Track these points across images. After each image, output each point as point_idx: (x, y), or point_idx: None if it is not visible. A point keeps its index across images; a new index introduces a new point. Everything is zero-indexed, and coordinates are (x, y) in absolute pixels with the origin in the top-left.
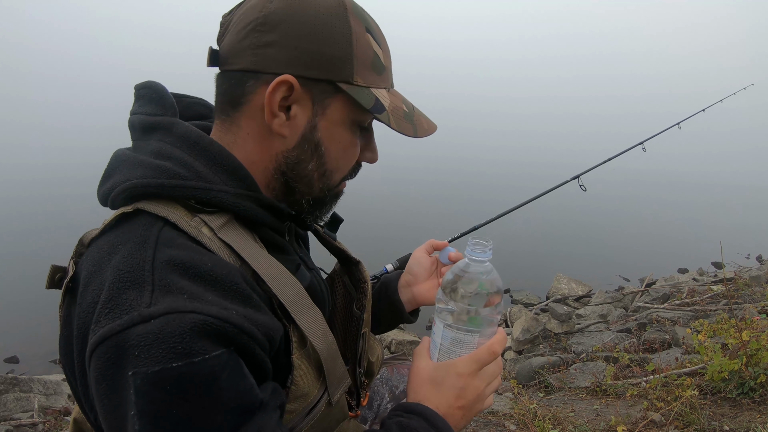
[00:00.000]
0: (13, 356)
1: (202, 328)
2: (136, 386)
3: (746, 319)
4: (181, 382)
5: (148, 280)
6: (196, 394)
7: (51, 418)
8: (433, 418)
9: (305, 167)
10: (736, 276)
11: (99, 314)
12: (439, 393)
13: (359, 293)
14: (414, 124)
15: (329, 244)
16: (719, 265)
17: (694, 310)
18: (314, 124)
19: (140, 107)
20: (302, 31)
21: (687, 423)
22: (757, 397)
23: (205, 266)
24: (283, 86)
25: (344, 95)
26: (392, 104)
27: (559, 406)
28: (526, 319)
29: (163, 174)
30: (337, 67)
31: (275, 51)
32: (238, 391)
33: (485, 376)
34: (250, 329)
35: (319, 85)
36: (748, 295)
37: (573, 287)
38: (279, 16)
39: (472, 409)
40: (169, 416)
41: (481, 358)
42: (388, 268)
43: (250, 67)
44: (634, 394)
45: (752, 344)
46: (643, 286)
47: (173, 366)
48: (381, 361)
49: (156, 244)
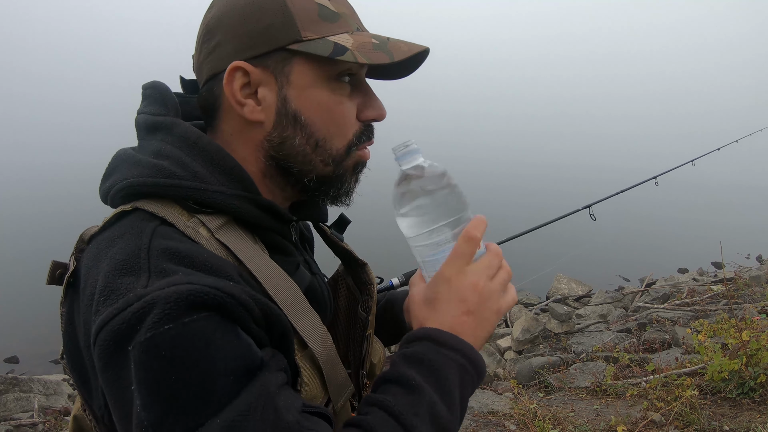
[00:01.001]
0: (13, 356)
1: (197, 296)
2: (135, 358)
3: (746, 319)
4: (174, 345)
5: (144, 266)
6: (192, 356)
7: (51, 418)
8: (438, 336)
9: (292, 144)
10: (736, 276)
11: (97, 304)
12: (436, 309)
13: (365, 295)
14: (389, 52)
15: (335, 245)
16: (719, 265)
17: (694, 310)
18: (284, 96)
19: (145, 107)
20: (237, 20)
21: (687, 423)
22: (757, 397)
23: (201, 256)
24: (237, 73)
25: (301, 56)
26: (357, 42)
27: (559, 406)
28: (526, 319)
29: (159, 173)
30: (280, 33)
31: (222, 49)
32: (234, 350)
33: (478, 269)
34: (246, 300)
35: (272, 57)
36: (748, 295)
37: (573, 287)
38: (216, 18)
39: (483, 309)
40: (167, 383)
41: (459, 251)
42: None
43: (210, 74)
44: (634, 394)
45: (752, 344)
46: (643, 286)
47: (165, 329)
48: (383, 363)
49: (152, 235)
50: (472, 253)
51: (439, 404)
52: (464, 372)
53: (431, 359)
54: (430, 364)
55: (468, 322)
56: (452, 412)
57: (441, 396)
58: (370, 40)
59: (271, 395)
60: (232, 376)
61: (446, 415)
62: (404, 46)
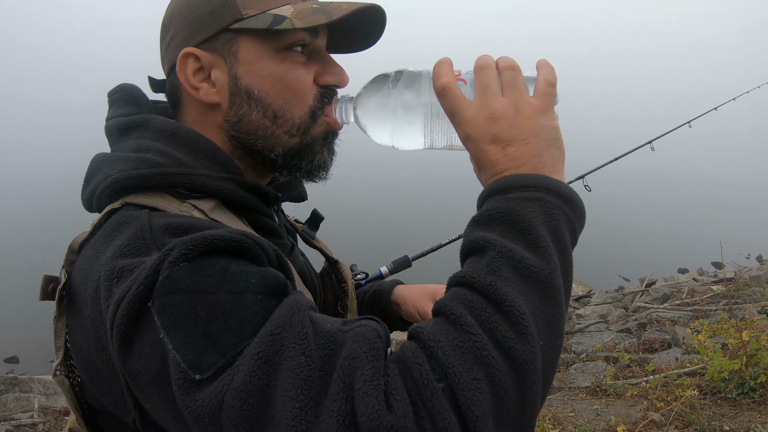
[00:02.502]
0: (13, 356)
1: (214, 238)
2: (157, 307)
3: (746, 319)
4: (192, 276)
5: (152, 245)
6: (214, 282)
7: (51, 418)
8: (498, 184)
9: (249, 120)
10: (736, 276)
11: (108, 289)
12: (484, 168)
13: (341, 293)
14: (327, 12)
15: (308, 242)
16: (719, 265)
17: (694, 310)
18: (234, 74)
19: (115, 111)
20: (185, 9)
21: (687, 423)
22: (757, 397)
23: (204, 225)
24: (188, 59)
25: (245, 33)
26: (296, 10)
27: (559, 406)
28: None
29: (143, 165)
30: (222, 15)
31: (175, 42)
32: (255, 272)
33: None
34: (262, 241)
35: (218, 39)
36: (748, 295)
37: (573, 287)
38: (170, 13)
39: (521, 128)
40: (195, 316)
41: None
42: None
43: (169, 66)
44: (634, 394)
45: (752, 344)
46: (643, 286)
47: (181, 265)
48: None
49: (149, 216)
50: (458, 99)
51: (520, 251)
52: (547, 206)
53: (500, 209)
54: (500, 216)
55: (517, 152)
56: (543, 257)
57: (523, 242)
58: (310, 6)
59: (304, 309)
60: (260, 295)
61: (535, 261)
62: (344, 5)
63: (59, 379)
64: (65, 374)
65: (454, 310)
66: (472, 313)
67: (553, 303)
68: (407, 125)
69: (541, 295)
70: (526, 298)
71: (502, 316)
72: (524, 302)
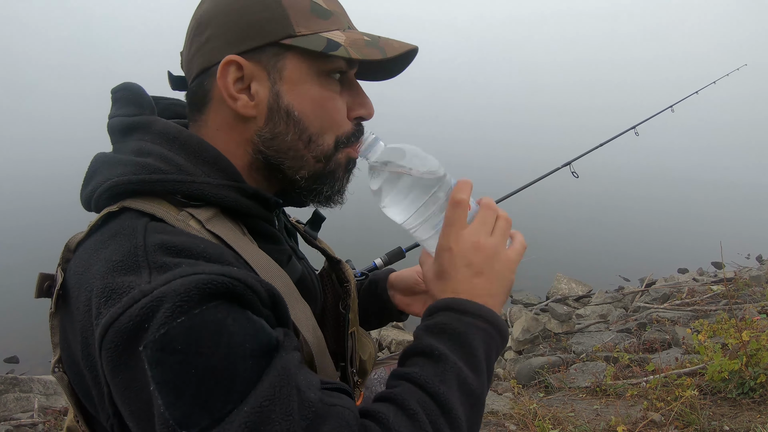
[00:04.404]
0: (13, 356)
1: (206, 285)
2: (149, 358)
3: (746, 319)
4: (189, 336)
5: (143, 263)
6: (208, 345)
7: (51, 418)
8: (457, 304)
9: (283, 139)
10: (736, 276)
11: (98, 306)
12: (446, 280)
13: (343, 293)
14: (381, 48)
15: (310, 243)
16: (719, 265)
17: (694, 310)
18: (276, 91)
19: (118, 110)
20: (230, 13)
21: (687, 423)
22: (757, 397)
23: (198, 248)
24: (230, 67)
25: (294, 50)
26: (349, 39)
27: (559, 406)
28: (526, 319)
29: (143, 170)
30: (273, 28)
31: (214, 42)
32: (249, 333)
33: (475, 229)
34: (253, 284)
35: (264, 52)
36: (748, 295)
37: (573, 287)
38: (208, 12)
39: (492, 265)
40: (188, 378)
41: (450, 219)
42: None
43: (201, 68)
44: (634, 394)
45: (752, 344)
46: (643, 286)
47: (178, 322)
48: (374, 359)
49: (145, 231)
50: (463, 216)
51: (465, 370)
52: (488, 336)
53: (453, 327)
54: (453, 332)
55: (480, 284)
56: (479, 378)
57: (466, 362)
58: (362, 37)
59: (291, 376)
60: (251, 359)
61: (473, 380)
62: (395, 44)
63: (58, 375)
64: (63, 370)
65: (412, 406)
66: (424, 412)
67: (478, 412)
68: (408, 201)
69: (472, 406)
70: (463, 407)
71: (446, 419)
72: (462, 411)
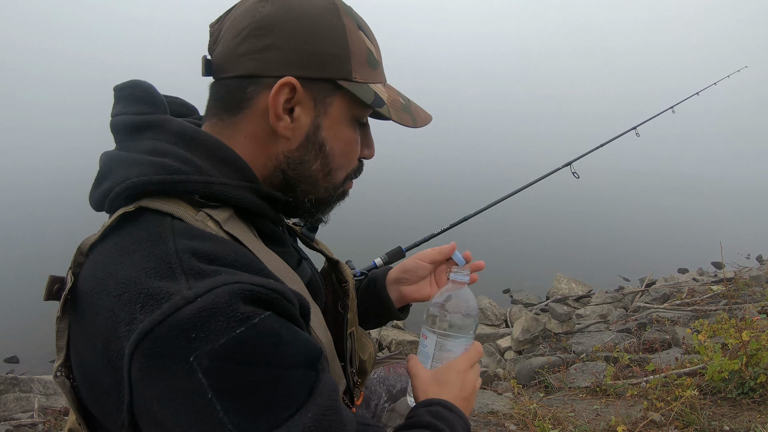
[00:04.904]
0: (13, 356)
1: (249, 295)
2: (205, 368)
3: (746, 319)
4: (249, 346)
5: (178, 269)
6: (268, 353)
7: (51, 418)
8: (450, 405)
9: (309, 167)
10: (736, 276)
11: (131, 313)
12: (445, 390)
13: (342, 293)
14: (412, 115)
15: (308, 245)
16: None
17: (694, 310)
18: (318, 123)
19: (125, 107)
20: (298, 32)
21: (687, 423)
22: (757, 397)
23: (229, 256)
24: (286, 88)
25: (344, 92)
26: (390, 97)
27: (559, 406)
28: (526, 319)
29: (163, 170)
30: (335, 65)
31: (273, 54)
32: (300, 342)
33: (476, 371)
34: (289, 296)
35: (319, 84)
36: (748, 295)
37: (573, 287)
38: (273, 19)
39: (471, 399)
40: (250, 386)
41: (471, 357)
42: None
43: (249, 72)
44: (634, 394)
45: (752, 344)
46: (643, 286)
47: (237, 333)
48: (374, 359)
49: (173, 236)
50: (476, 361)
51: None
52: (464, 423)
53: (446, 416)
54: (447, 419)
55: (463, 405)
56: None
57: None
58: (399, 99)
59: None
60: (303, 368)
61: None
62: (422, 113)
63: (60, 380)
64: (66, 375)
65: None
66: None
67: None
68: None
69: None
70: None
71: None
72: None
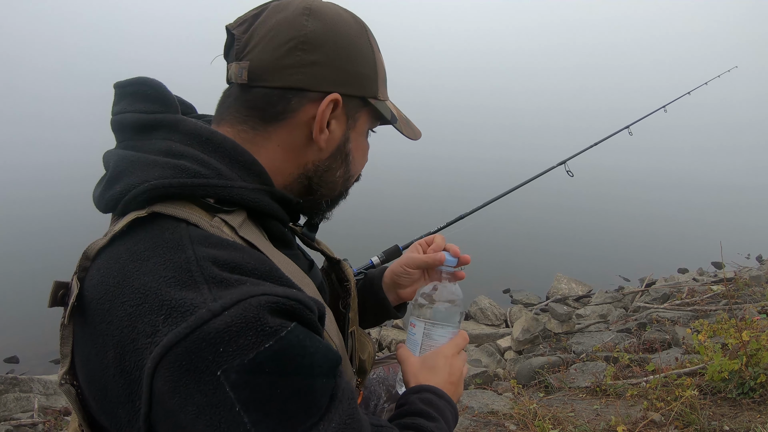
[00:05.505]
0: (13, 356)
1: (275, 307)
2: (233, 382)
3: (746, 319)
4: (277, 360)
5: (200, 279)
6: (294, 365)
7: (51, 418)
8: (439, 392)
9: (333, 174)
10: (736, 276)
11: (153, 325)
12: (434, 375)
13: (343, 292)
14: (413, 131)
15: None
16: (719, 265)
17: (694, 310)
18: (348, 136)
19: (130, 105)
20: (341, 52)
21: (687, 423)
22: (757, 397)
23: (249, 264)
24: (333, 104)
25: (370, 108)
26: (398, 114)
27: (559, 406)
28: (526, 319)
29: (183, 173)
30: (367, 84)
31: (320, 70)
32: (322, 352)
33: (463, 358)
34: (311, 304)
35: (353, 101)
36: (748, 295)
37: (573, 287)
38: (320, 36)
39: (459, 384)
40: (276, 397)
41: (458, 344)
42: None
43: (296, 84)
44: (634, 394)
45: (752, 344)
46: (643, 286)
47: (266, 347)
48: (373, 359)
49: (192, 244)
50: (463, 347)
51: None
52: (454, 416)
53: (437, 403)
54: (437, 406)
55: (451, 390)
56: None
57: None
58: (403, 115)
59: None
60: (325, 377)
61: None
62: (416, 130)
63: (66, 387)
64: (71, 382)
65: None
66: None
67: None
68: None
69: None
70: None
71: None
72: None
